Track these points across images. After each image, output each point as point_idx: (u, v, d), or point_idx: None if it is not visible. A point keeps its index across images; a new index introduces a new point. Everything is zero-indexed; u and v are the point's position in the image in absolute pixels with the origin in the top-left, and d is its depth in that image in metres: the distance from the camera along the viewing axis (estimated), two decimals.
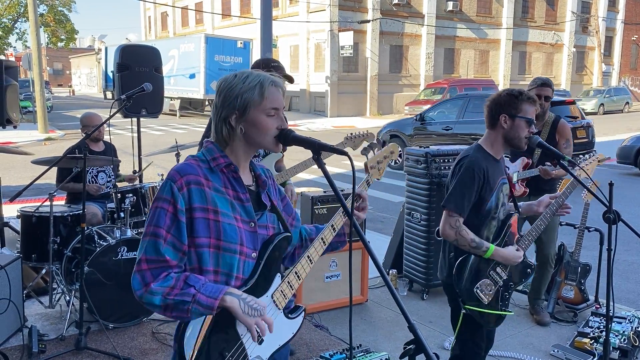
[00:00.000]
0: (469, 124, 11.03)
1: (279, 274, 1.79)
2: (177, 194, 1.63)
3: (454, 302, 2.71)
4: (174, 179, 1.64)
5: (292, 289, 1.79)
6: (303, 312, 1.87)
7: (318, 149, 1.67)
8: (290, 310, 1.84)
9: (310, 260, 1.82)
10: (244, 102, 1.68)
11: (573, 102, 10.39)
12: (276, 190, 1.94)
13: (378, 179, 2.13)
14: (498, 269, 2.66)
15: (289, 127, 1.76)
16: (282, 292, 1.77)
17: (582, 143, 9.51)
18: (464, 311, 2.62)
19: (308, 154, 1.80)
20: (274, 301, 1.75)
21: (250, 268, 1.74)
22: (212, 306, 1.57)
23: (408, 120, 13.10)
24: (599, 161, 2.95)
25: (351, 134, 3.99)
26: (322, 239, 1.86)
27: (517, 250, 2.67)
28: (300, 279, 1.80)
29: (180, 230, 1.63)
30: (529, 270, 2.78)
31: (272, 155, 3.47)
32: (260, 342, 1.72)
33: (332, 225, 1.89)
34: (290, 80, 3.54)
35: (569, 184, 2.79)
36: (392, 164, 12.82)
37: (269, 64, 3.52)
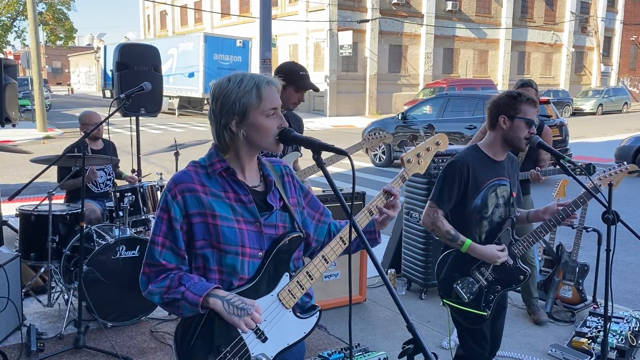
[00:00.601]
0: (449, 122, 11.35)
1: (287, 273, 1.77)
2: (172, 202, 1.69)
3: None
4: (170, 188, 1.72)
5: (303, 289, 1.77)
6: (318, 313, 1.84)
7: (318, 149, 1.66)
8: (303, 310, 1.83)
9: (325, 260, 1.77)
10: (243, 106, 1.67)
11: (547, 102, 10.69)
12: (295, 188, 1.90)
13: (421, 173, 2.00)
14: (482, 269, 2.64)
15: (289, 127, 1.75)
16: (289, 291, 1.75)
17: (556, 141, 9.83)
18: (441, 304, 2.70)
19: (322, 155, 1.75)
20: (280, 300, 1.75)
21: (256, 267, 1.74)
22: (197, 303, 1.63)
23: (391, 119, 13.40)
24: (628, 172, 2.84)
25: (369, 133, 4.08)
26: (341, 238, 1.80)
27: (502, 250, 2.60)
28: (312, 279, 1.77)
29: (176, 237, 1.71)
30: (521, 276, 2.70)
31: (289, 155, 3.42)
32: (264, 340, 1.72)
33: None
34: (315, 89, 3.41)
35: (582, 195, 2.70)
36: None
37: (297, 71, 3.29)
